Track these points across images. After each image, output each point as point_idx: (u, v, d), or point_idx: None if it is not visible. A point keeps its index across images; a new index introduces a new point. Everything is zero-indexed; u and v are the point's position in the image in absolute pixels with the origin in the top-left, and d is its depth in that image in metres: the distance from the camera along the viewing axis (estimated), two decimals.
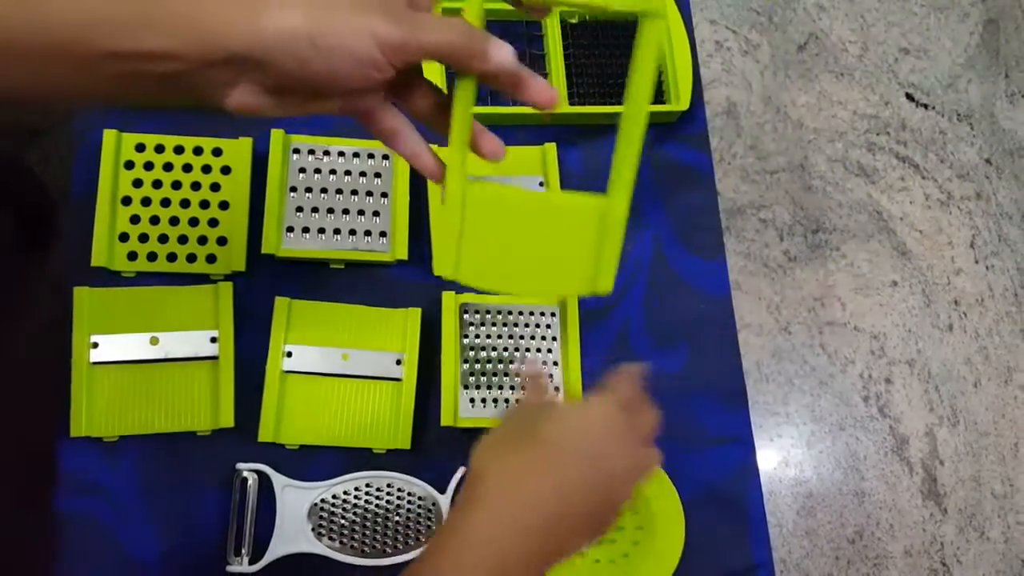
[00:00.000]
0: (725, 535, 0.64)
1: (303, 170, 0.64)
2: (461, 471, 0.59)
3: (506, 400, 0.63)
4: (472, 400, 0.62)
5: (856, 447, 1.47)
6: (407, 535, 0.59)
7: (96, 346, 0.58)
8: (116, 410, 0.58)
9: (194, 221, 0.61)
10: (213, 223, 0.62)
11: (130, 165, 0.61)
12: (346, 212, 0.64)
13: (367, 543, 0.58)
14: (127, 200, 0.61)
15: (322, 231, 0.63)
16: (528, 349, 0.64)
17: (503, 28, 0.70)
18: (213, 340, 0.59)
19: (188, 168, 0.62)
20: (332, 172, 0.64)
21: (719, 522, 0.64)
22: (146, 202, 0.61)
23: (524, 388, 0.56)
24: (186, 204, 0.62)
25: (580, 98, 0.69)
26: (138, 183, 0.61)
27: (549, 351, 0.65)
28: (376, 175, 0.65)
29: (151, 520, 0.57)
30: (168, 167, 0.62)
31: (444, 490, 0.59)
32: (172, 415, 0.58)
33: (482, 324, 0.64)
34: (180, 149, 0.63)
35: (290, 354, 0.60)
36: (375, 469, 0.59)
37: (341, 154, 0.65)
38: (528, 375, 0.51)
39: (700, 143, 0.73)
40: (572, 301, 0.65)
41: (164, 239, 0.61)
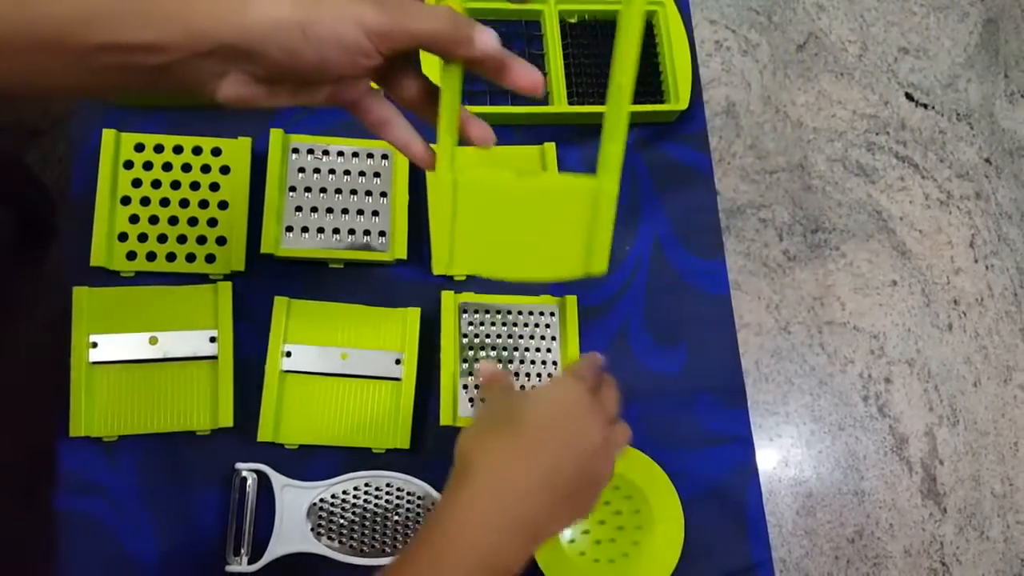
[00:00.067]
0: (725, 534, 0.64)
1: (302, 170, 0.64)
2: None
3: None
4: (471, 400, 0.62)
5: (856, 447, 1.47)
6: (406, 535, 0.59)
7: (95, 346, 0.58)
8: (115, 410, 0.58)
9: (193, 221, 0.62)
10: (212, 223, 0.62)
11: (129, 165, 0.61)
12: (345, 212, 0.64)
13: (366, 543, 0.58)
14: (126, 200, 0.61)
15: (321, 231, 0.63)
16: (527, 348, 0.64)
17: (503, 28, 0.70)
18: (212, 340, 0.59)
19: (187, 168, 0.62)
20: (331, 172, 0.64)
21: (719, 521, 0.64)
22: (145, 202, 0.61)
23: (481, 388, 0.57)
24: (185, 204, 0.62)
25: (579, 98, 0.69)
26: (137, 183, 0.61)
27: (548, 350, 0.65)
28: (375, 175, 0.65)
29: (150, 520, 0.57)
30: (167, 167, 0.62)
31: (443, 490, 0.59)
32: (171, 415, 0.58)
33: (481, 324, 0.64)
34: (179, 149, 0.63)
35: (289, 354, 0.60)
36: (374, 469, 0.59)
37: (340, 154, 0.65)
38: (485, 376, 0.53)
39: (699, 143, 0.73)
40: (571, 301, 0.65)
41: (163, 239, 0.61)
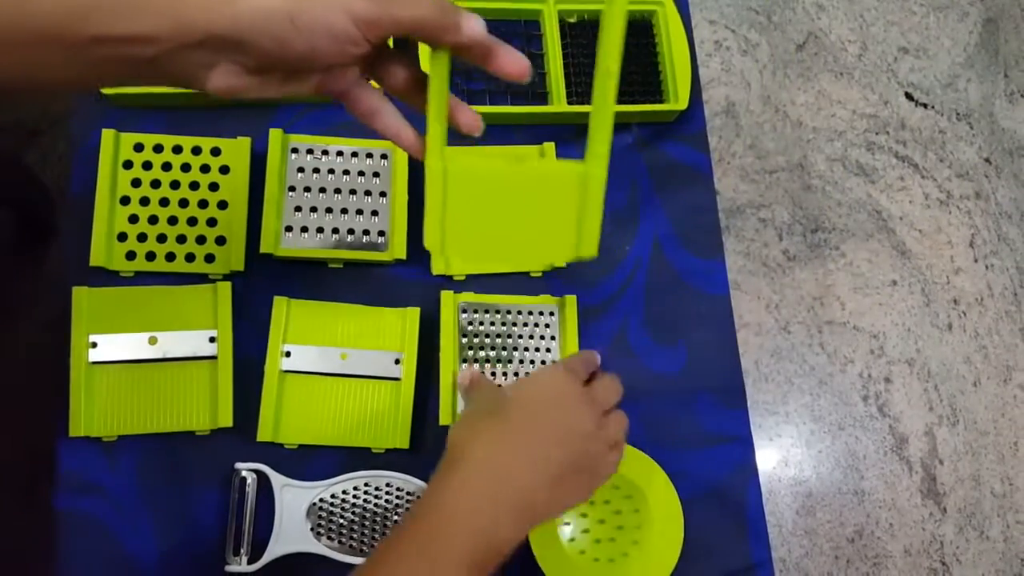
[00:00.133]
0: (724, 534, 0.64)
1: (302, 169, 0.64)
2: None
3: None
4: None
5: (855, 446, 1.47)
6: None
7: (95, 346, 0.58)
8: (115, 410, 0.58)
9: (192, 221, 0.61)
10: (211, 223, 0.62)
11: (128, 165, 0.61)
12: (345, 211, 0.64)
13: (366, 543, 0.58)
14: (125, 200, 0.61)
15: (321, 230, 0.63)
16: (527, 348, 0.64)
17: (502, 27, 0.70)
18: (212, 340, 0.59)
19: (187, 168, 0.62)
20: (331, 171, 0.64)
21: (718, 521, 0.64)
22: (144, 202, 0.61)
23: (465, 392, 0.59)
24: (184, 204, 0.62)
25: (578, 97, 0.69)
26: (136, 183, 0.61)
27: (548, 350, 0.65)
28: (375, 174, 0.65)
29: (150, 519, 0.57)
30: (166, 167, 0.62)
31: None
32: (171, 415, 0.58)
33: (480, 323, 0.64)
34: (178, 149, 0.63)
35: (289, 354, 0.60)
36: (374, 468, 0.59)
37: (340, 153, 0.65)
38: (466, 382, 0.56)
39: (699, 143, 0.73)
40: (571, 301, 0.65)
41: (163, 239, 0.61)
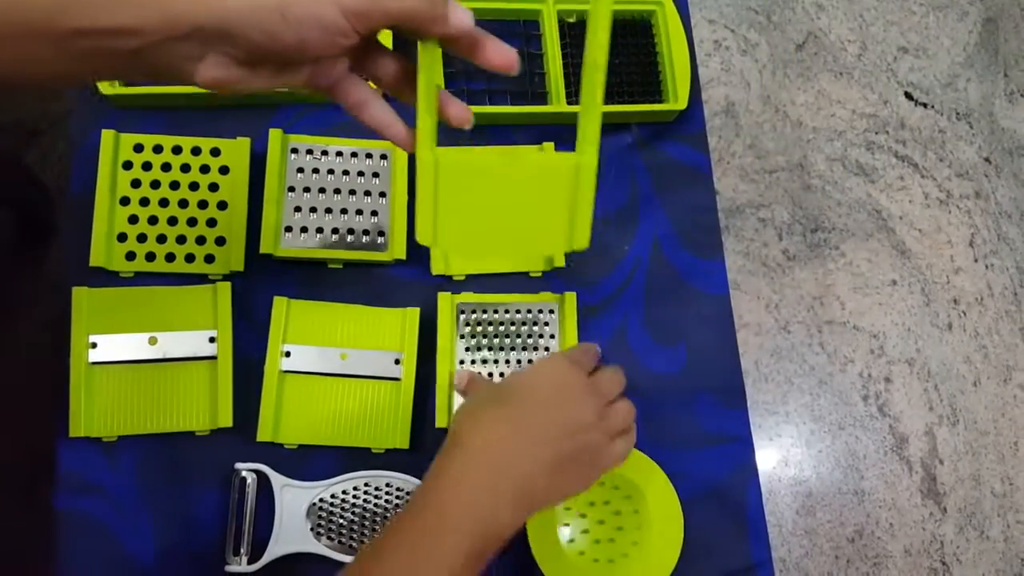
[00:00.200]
0: (724, 534, 0.64)
1: (301, 170, 0.64)
2: None
3: None
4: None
5: (855, 446, 1.47)
6: None
7: (95, 346, 0.58)
8: (115, 410, 0.58)
9: (192, 221, 0.62)
10: (211, 223, 0.62)
11: (128, 165, 0.61)
12: (344, 212, 0.64)
13: (366, 542, 0.58)
14: (125, 200, 0.61)
15: (320, 231, 0.63)
16: (526, 347, 0.64)
17: (501, 27, 0.70)
18: (211, 340, 0.59)
19: (186, 168, 0.62)
20: (330, 172, 0.64)
21: (718, 521, 0.64)
22: (144, 202, 0.61)
23: (463, 391, 0.59)
24: (184, 204, 0.62)
25: (578, 97, 0.69)
26: (136, 183, 0.61)
27: (547, 349, 0.65)
28: (374, 175, 0.65)
29: (150, 520, 0.57)
30: (166, 167, 0.62)
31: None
32: (171, 415, 0.58)
33: (479, 323, 0.64)
34: (178, 149, 0.63)
35: (288, 354, 0.60)
36: (374, 469, 0.60)
37: (339, 154, 0.65)
38: (463, 382, 0.56)
39: (699, 142, 0.73)
40: (570, 299, 0.65)
41: (162, 239, 0.61)
